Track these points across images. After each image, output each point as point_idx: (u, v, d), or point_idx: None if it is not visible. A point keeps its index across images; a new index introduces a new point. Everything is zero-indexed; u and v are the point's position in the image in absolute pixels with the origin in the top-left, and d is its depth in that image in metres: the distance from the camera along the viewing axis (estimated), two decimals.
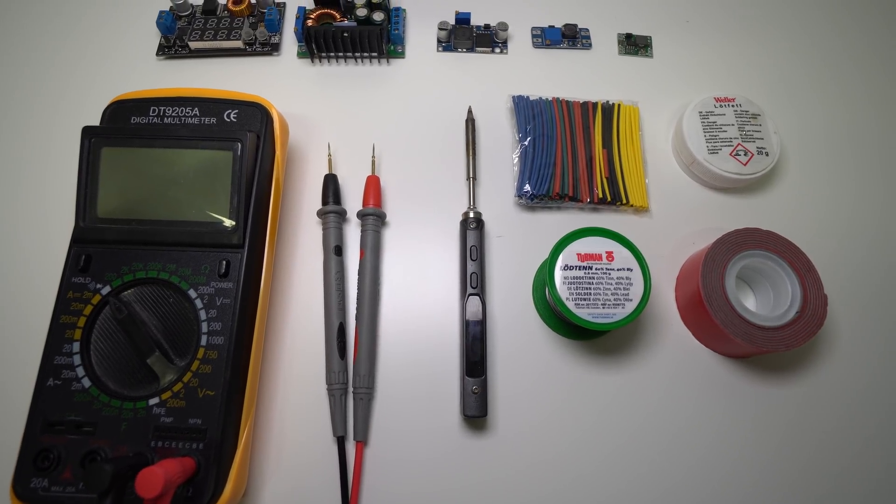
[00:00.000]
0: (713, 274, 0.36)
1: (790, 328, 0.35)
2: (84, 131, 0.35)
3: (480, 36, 0.46)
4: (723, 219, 0.41)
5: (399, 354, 0.37)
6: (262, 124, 0.36)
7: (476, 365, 0.35)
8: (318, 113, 0.43)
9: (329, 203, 0.39)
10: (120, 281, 0.33)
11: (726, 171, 0.40)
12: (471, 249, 0.37)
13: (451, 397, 0.36)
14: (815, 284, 0.36)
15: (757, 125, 0.41)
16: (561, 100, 0.43)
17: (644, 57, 0.46)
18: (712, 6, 0.49)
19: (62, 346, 0.32)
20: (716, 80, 0.46)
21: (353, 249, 0.39)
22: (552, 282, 0.34)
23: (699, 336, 0.38)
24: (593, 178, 0.40)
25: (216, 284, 0.33)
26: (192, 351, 0.32)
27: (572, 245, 0.35)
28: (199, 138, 0.35)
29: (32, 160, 0.42)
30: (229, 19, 0.46)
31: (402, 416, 0.35)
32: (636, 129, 0.42)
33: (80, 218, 0.34)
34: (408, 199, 0.41)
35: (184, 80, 0.44)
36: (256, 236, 0.35)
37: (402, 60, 0.46)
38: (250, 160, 0.35)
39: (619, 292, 0.34)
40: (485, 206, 0.41)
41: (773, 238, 0.37)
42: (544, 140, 0.41)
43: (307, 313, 0.37)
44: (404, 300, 0.38)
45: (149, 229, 0.34)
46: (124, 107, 0.37)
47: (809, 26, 0.49)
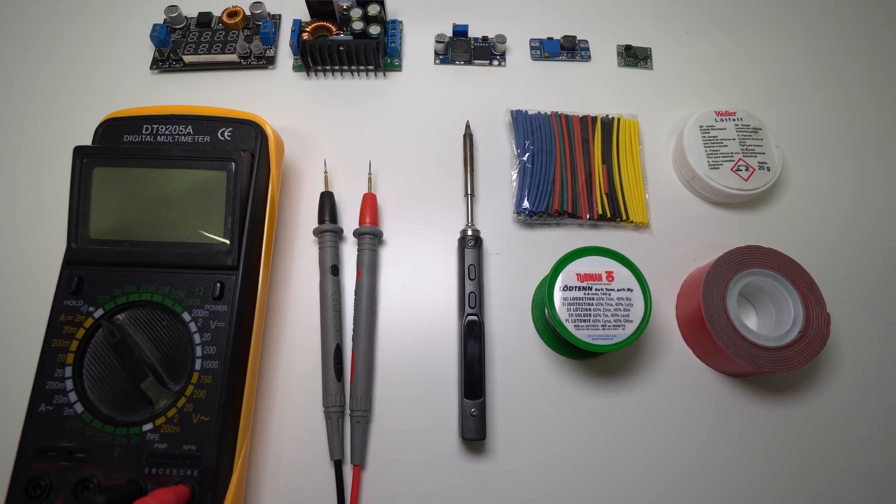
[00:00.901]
0: (714, 293, 0.35)
1: (792, 348, 0.34)
2: (76, 151, 0.34)
3: (478, 48, 0.46)
4: (724, 234, 0.41)
5: (396, 376, 0.36)
6: (256, 142, 0.36)
7: (474, 387, 0.34)
8: (313, 127, 0.43)
9: (325, 221, 0.38)
10: (113, 304, 0.33)
11: (728, 186, 0.39)
12: (469, 268, 0.37)
13: (449, 419, 0.35)
14: (817, 303, 0.35)
15: (758, 139, 0.41)
16: (560, 114, 0.42)
17: (644, 69, 0.46)
18: (712, 17, 0.48)
19: (54, 371, 0.31)
20: (716, 92, 0.45)
21: (349, 268, 0.39)
22: (551, 303, 0.34)
23: (700, 354, 0.38)
24: (593, 194, 0.40)
25: (210, 307, 0.33)
26: (186, 375, 0.32)
27: (572, 265, 0.35)
28: (192, 158, 0.34)
29: (24, 178, 0.41)
30: (224, 32, 0.45)
31: (400, 439, 0.35)
32: (636, 144, 0.42)
33: (72, 239, 0.34)
34: (405, 216, 0.40)
35: (178, 95, 0.44)
36: (251, 257, 0.34)
37: (398, 73, 0.45)
38: (245, 180, 0.34)
39: (619, 313, 0.34)
40: (483, 222, 0.40)
41: (774, 256, 0.36)
42: (543, 156, 0.40)
43: (303, 334, 0.37)
44: (401, 320, 0.37)
45: (142, 251, 0.33)
46: (117, 125, 0.36)
47: (811, 37, 0.48)
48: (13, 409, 0.34)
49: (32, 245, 0.39)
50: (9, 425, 0.34)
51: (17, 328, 0.37)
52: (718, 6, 0.49)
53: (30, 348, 0.34)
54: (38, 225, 0.40)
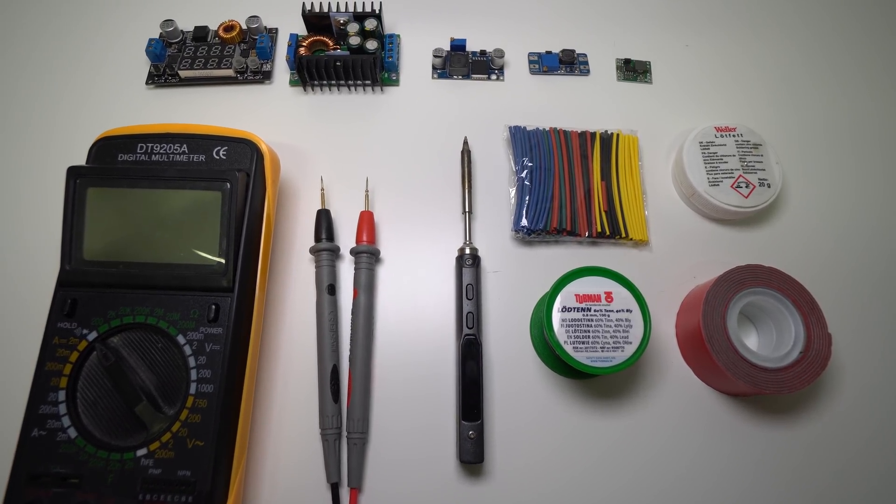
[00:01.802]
0: (715, 313, 0.35)
1: (793, 369, 0.34)
2: (69, 171, 0.34)
3: (476, 62, 0.45)
4: (724, 251, 0.40)
5: (394, 397, 0.36)
6: (251, 161, 0.36)
7: (472, 409, 0.34)
8: (310, 143, 0.42)
9: (322, 240, 0.38)
10: (107, 326, 0.32)
11: (728, 204, 0.39)
12: (466, 288, 0.36)
13: (446, 441, 0.35)
14: (818, 323, 0.35)
15: (758, 155, 0.41)
16: (558, 129, 0.42)
17: (643, 83, 0.46)
18: (711, 31, 0.48)
19: (47, 395, 0.31)
20: (716, 106, 0.45)
21: (346, 287, 0.38)
22: (550, 324, 0.33)
23: (700, 374, 0.37)
24: (591, 211, 0.39)
25: (205, 330, 0.32)
26: (181, 399, 0.31)
27: (570, 285, 0.34)
28: (187, 178, 0.34)
29: (17, 196, 0.41)
30: (220, 46, 0.45)
31: (397, 461, 0.34)
32: (635, 160, 0.41)
33: (66, 260, 0.33)
34: (402, 233, 0.40)
35: (174, 110, 0.44)
36: (247, 279, 0.34)
37: (396, 88, 0.45)
38: (240, 200, 0.34)
39: (618, 335, 0.33)
40: (481, 240, 0.40)
41: (775, 275, 0.36)
42: (541, 173, 0.40)
43: (300, 355, 0.36)
44: (399, 340, 0.37)
45: (136, 272, 0.33)
46: (111, 144, 0.36)
47: (813, 50, 0.48)
48: (5, 433, 0.34)
49: (25, 266, 0.39)
50: (1, 450, 0.34)
51: (9, 351, 0.36)
52: (718, 20, 0.49)
53: (23, 371, 0.34)
54: (31, 245, 0.39)
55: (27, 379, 0.32)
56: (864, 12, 0.50)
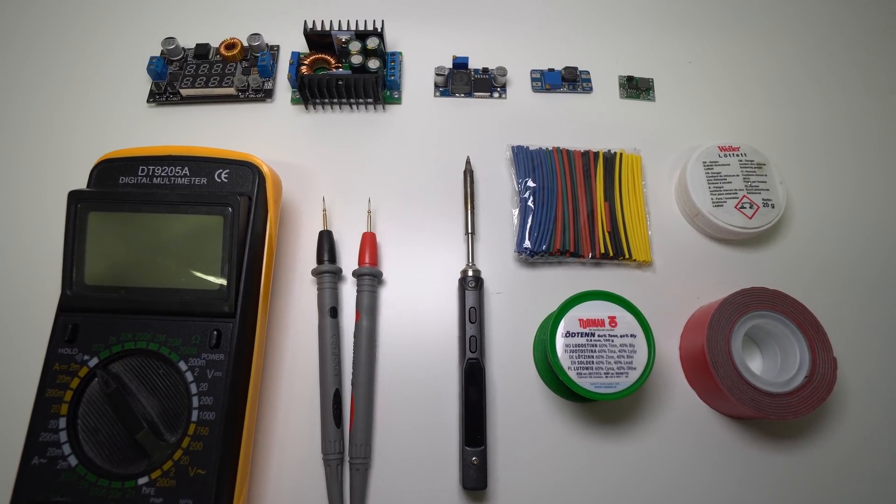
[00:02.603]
0: (719, 337, 0.35)
1: (798, 394, 0.34)
2: (71, 196, 0.34)
3: (479, 80, 0.45)
4: (727, 272, 0.40)
5: (396, 421, 0.36)
6: (253, 184, 0.35)
7: (475, 434, 0.34)
8: (311, 162, 0.42)
9: (324, 262, 0.38)
10: (108, 352, 0.32)
11: (732, 224, 0.39)
12: (469, 311, 0.36)
13: (449, 467, 0.35)
14: (823, 346, 0.35)
15: (762, 175, 0.40)
16: (561, 149, 0.42)
17: (646, 100, 0.45)
18: (715, 47, 0.48)
19: (48, 422, 0.31)
20: (719, 124, 0.45)
21: (348, 309, 0.38)
22: (553, 350, 0.33)
23: (704, 396, 0.37)
24: (595, 232, 0.39)
25: (207, 356, 0.32)
26: (182, 426, 0.31)
27: (574, 310, 0.34)
28: (188, 203, 0.34)
29: (18, 219, 0.40)
30: (221, 64, 0.45)
31: (400, 487, 0.34)
32: (639, 180, 0.41)
33: (67, 285, 0.33)
34: (405, 254, 0.40)
35: (175, 128, 0.43)
36: (248, 304, 0.34)
37: (398, 106, 0.44)
38: (242, 224, 0.34)
39: (622, 360, 0.33)
40: (483, 261, 0.40)
41: (779, 298, 0.36)
42: (544, 193, 0.40)
43: (301, 379, 0.36)
44: (401, 364, 0.37)
45: (138, 298, 0.33)
46: (112, 166, 0.36)
47: (818, 68, 0.48)
48: (5, 461, 0.34)
49: (26, 291, 0.38)
50: (1, 479, 0.33)
51: (10, 377, 0.36)
52: (721, 36, 0.48)
53: (23, 398, 0.34)
54: (32, 269, 0.39)
55: (28, 406, 0.31)
56: (871, 30, 0.49)
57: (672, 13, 0.49)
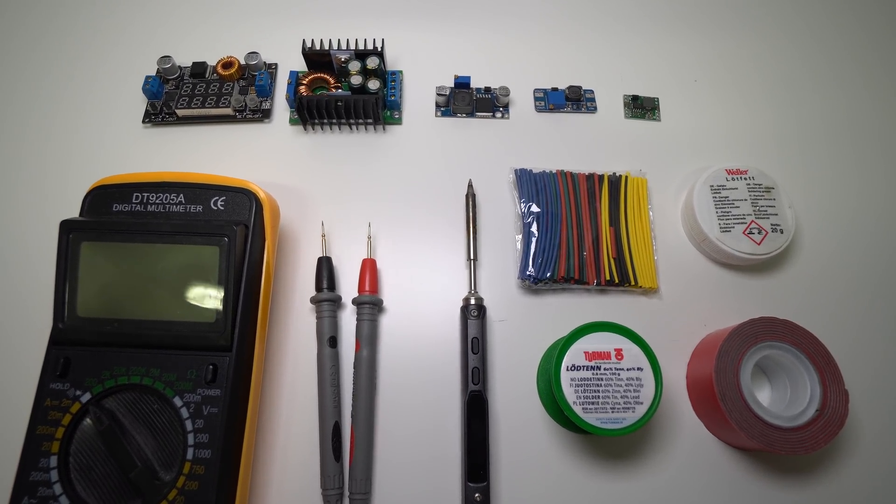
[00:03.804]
0: (728, 369, 0.34)
1: (809, 429, 0.33)
2: (62, 226, 0.33)
3: (481, 100, 0.44)
4: (735, 298, 0.39)
5: (397, 455, 0.35)
6: (250, 212, 0.35)
7: (478, 469, 0.33)
8: (310, 184, 0.41)
9: (323, 289, 0.37)
10: (101, 387, 0.31)
11: (740, 251, 0.38)
12: (472, 342, 0.35)
13: (452, 503, 0.34)
14: (834, 379, 0.34)
15: (771, 199, 0.40)
16: (566, 172, 0.41)
17: (651, 120, 0.45)
18: (721, 64, 0.47)
19: (38, 461, 0.30)
20: (725, 144, 0.44)
21: (348, 338, 0.37)
22: (558, 384, 0.32)
23: (712, 428, 0.36)
24: (600, 258, 0.38)
25: (203, 391, 0.31)
26: (178, 464, 0.30)
27: (579, 342, 0.33)
28: (183, 233, 0.33)
29: (7, 245, 0.40)
30: (218, 84, 0.44)
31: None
32: (644, 203, 0.40)
33: (59, 318, 0.32)
34: (405, 281, 0.39)
35: (171, 149, 0.43)
36: (245, 336, 0.33)
37: (398, 127, 0.44)
38: (238, 254, 0.33)
39: (628, 394, 0.32)
40: (486, 287, 0.39)
41: (789, 328, 0.35)
42: (548, 219, 0.39)
43: (300, 411, 0.35)
44: (402, 396, 0.36)
45: (132, 330, 0.32)
46: (106, 193, 0.35)
47: (827, 87, 0.47)
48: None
49: (16, 323, 0.37)
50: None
51: (0, 413, 0.35)
52: (727, 53, 0.48)
53: (13, 435, 0.33)
54: (22, 301, 0.38)
55: (17, 443, 0.30)
56: (881, 47, 0.49)
57: (677, 31, 0.48)
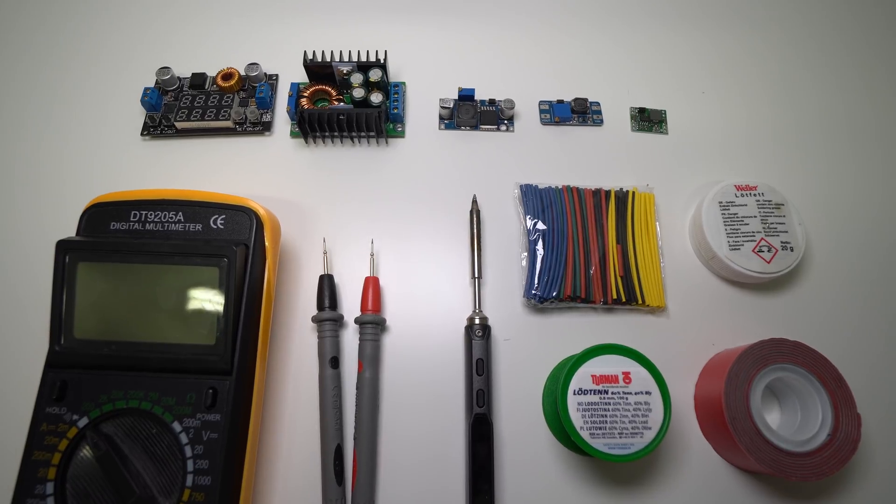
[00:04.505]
0: (737, 392, 0.33)
1: (820, 454, 0.32)
2: (59, 245, 0.32)
3: (485, 113, 0.43)
4: (744, 317, 0.39)
5: (401, 479, 0.34)
6: (250, 231, 0.34)
7: (483, 495, 0.32)
8: (311, 199, 0.41)
9: (325, 308, 0.36)
10: (98, 412, 0.31)
11: (749, 269, 0.37)
12: (477, 363, 0.35)
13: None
14: (846, 402, 0.33)
15: (780, 216, 0.39)
16: (571, 188, 0.40)
17: (658, 133, 0.44)
18: (729, 76, 0.46)
19: (34, 487, 0.29)
20: (734, 157, 0.43)
21: (351, 358, 0.37)
22: (565, 408, 0.32)
23: (721, 451, 0.36)
24: (607, 277, 0.38)
25: (202, 416, 0.31)
26: (177, 491, 0.30)
27: (585, 365, 0.33)
28: (182, 254, 0.32)
29: (2, 263, 0.39)
30: (218, 96, 0.43)
31: None
32: (652, 220, 0.40)
33: (56, 340, 0.32)
34: (409, 299, 0.38)
35: (169, 162, 0.42)
36: (246, 359, 0.32)
37: (401, 140, 0.43)
38: (238, 274, 0.32)
39: (636, 419, 0.32)
40: (491, 306, 0.38)
41: (800, 350, 0.34)
42: (554, 236, 0.38)
43: (301, 433, 0.35)
44: (406, 417, 0.35)
45: (130, 353, 0.31)
46: (103, 210, 0.34)
47: (838, 100, 0.46)
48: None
49: (11, 345, 0.37)
50: None
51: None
52: (734, 64, 0.47)
53: (8, 460, 0.32)
54: (17, 322, 0.37)
55: (13, 468, 0.30)
56: (890, 54, 0.48)
57: (684, 42, 0.47)
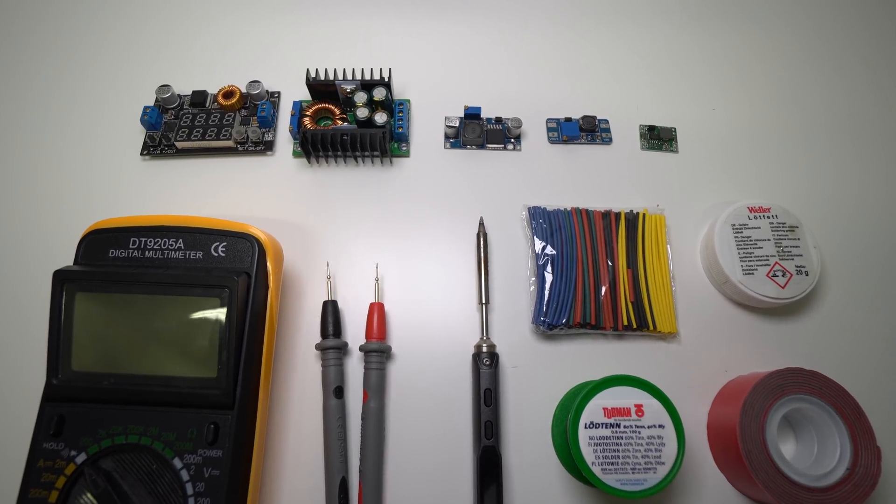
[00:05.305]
0: (752, 425, 0.33)
1: (839, 489, 0.32)
2: (56, 276, 0.31)
3: (492, 131, 0.42)
4: (757, 343, 0.38)
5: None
6: (252, 259, 0.33)
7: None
8: (314, 221, 0.40)
9: (329, 336, 0.35)
10: (97, 447, 0.30)
11: (764, 295, 0.36)
12: (485, 393, 0.34)
13: None
14: (866, 435, 0.33)
15: (795, 239, 0.38)
16: (581, 209, 0.39)
17: (668, 151, 0.43)
18: (740, 92, 0.45)
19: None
20: (746, 176, 0.42)
21: (355, 387, 0.36)
22: (576, 442, 0.31)
23: (735, 483, 0.35)
24: (617, 303, 0.37)
25: (204, 452, 0.30)
26: None
27: (597, 398, 0.32)
28: (183, 284, 0.31)
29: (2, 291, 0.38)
30: (219, 114, 0.42)
31: None
32: (663, 242, 0.39)
33: (53, 373, 0.31)
34: (415, 325, 0.37)
35: (169, 183, 0.41)
36: (248, 392, 0.31)
37: (406, 160, 0.42)
38: (240, 305, 0.31)
39: (649, 454, 0.31)
40: (498, 332, 0.37)
41: (817, 379, 0.33)
42: (564, 261, 0.37)
43: (305, 466, 0.34)
44: (412, 448, 0.34)
45: (129, 386, 0.30)
46: (102, 238, 0.33)
47: (850, 114, 0.45)
48: None
49: (7, 378, 0.36)
50: None
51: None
52: (746, 80, 0.46)
53: (4, 498, 0.31)
54: (13, 354, 0.36)
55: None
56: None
57: (694, 57, 0.46)
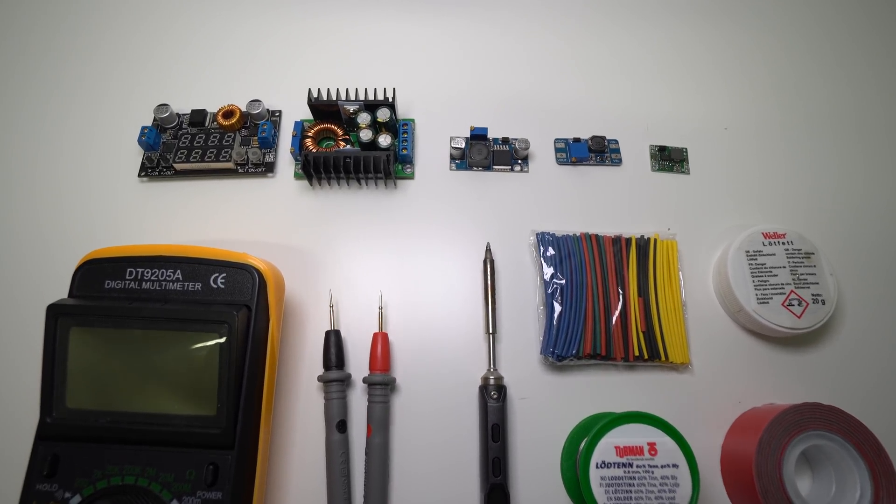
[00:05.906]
0: (769, 462, 0.32)
1: None
2: (50, 310, 0.30)
3: (499, 153, 0.41)
4: (772, 374, 0.37)
5: None
6: (253, 291, 0.32)
7: None
8: (316, 247, 0.39)
9: (331, 367, 0.34)
10: (92, 489, 0.29)
11: (779, 324, 0.35)
12: (492, 429, 0.33)
13: None
14: (887, 473, 0.32)
15: (811, 266, 0.37)
16: (590, 235, 0.38)
17: (679, 173, 0.42)
18: (752, 111, 0.44)
19: None
20: (759, 199, 0.41)
21: (358, 418, 0.35)
22: (587, 483, 0.30)
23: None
24: (628, 333, 0.36)
25: (203, 494, 0.29)
26: None
27: (608, 435, 0.31)
28: (180, 319, 0.30)
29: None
30: (219, 135, 0.41)
31: None
32: (675, 270, 0.38)
33: (47, 411, 0.30)
34: (419, 356, 0.36)
35: (167, 206, 0.40)
36: (249, 431, 0.30)
37: (410, 182, 0.41)
38: (240, 339, 0.30)
39: (663, 495, 0.30)
40: (506, 362, 0.36)
41: (835, 415, 0.32)
42: (573, 290, 0.36)
43: (307, 503, 0.33)
44: (417, 485, 0.33)
45: (125, 425, 0.29)
46: (97, 268, 0.32)
47: (865, 134, 0.44)
48: None
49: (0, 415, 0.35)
50: None
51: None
52: (758, 97, 0.45)
53: None
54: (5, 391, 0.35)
55: None
56: None
57: (704, 76, 0.45)
